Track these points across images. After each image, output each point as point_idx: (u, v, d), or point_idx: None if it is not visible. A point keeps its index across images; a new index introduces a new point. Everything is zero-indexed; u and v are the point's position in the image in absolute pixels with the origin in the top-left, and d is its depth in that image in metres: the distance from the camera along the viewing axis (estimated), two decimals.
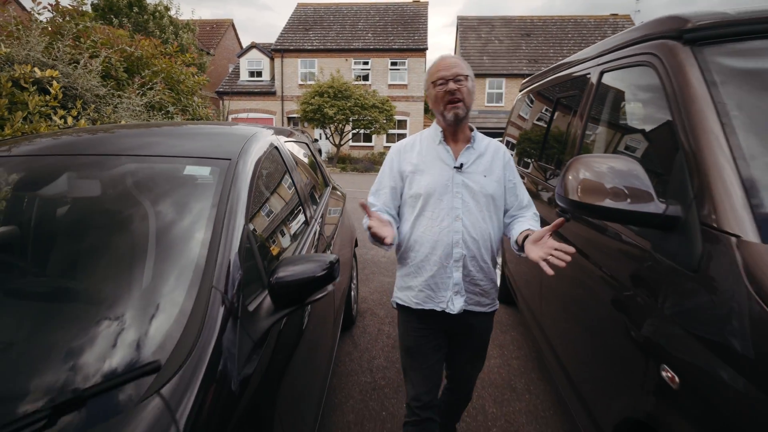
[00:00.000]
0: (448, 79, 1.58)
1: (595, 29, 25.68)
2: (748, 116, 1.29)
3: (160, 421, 0.91)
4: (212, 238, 1.34)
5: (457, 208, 1.62)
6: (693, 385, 1.11)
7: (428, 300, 1.69)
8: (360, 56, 23.04)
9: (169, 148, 1.73)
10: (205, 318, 1.12)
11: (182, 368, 1.01)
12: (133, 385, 0.96)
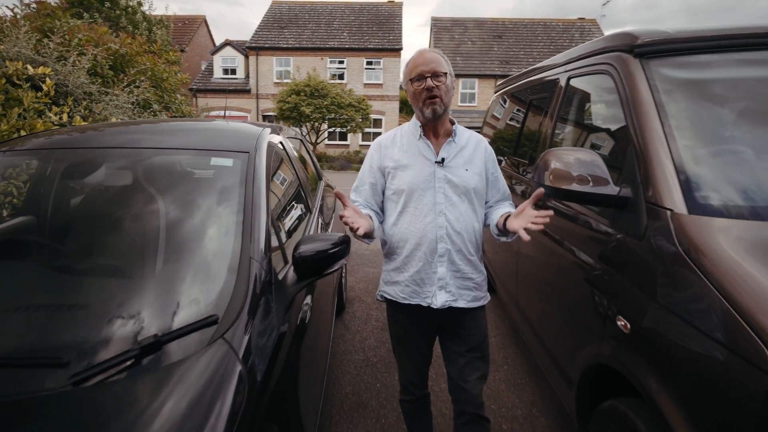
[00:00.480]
0: (426, 75, 1.57)
1: (563, 32, 26.57)
2: (682, 117, 1.61)
3: (226, 357, 1.14)
4: (244, 218, 1.57)
5: (440, 203, 1.62)
6: (640, 328, 1.42)
7: (414, 295, 1.69)
8: (335, 55, 23.17)
9: (193, 142, 1.94)
10: (248, 283, 1.36)
11: (237, 320, 1.24)
12: (199, 333, 1.18)
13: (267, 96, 23.03)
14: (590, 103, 2.26)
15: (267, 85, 23.23)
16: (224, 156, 1.85)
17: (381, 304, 4.08)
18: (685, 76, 1.75)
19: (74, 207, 1.59)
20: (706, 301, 1.18)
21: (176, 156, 1.81)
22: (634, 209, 1.56)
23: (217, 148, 1.89)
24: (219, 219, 1.57)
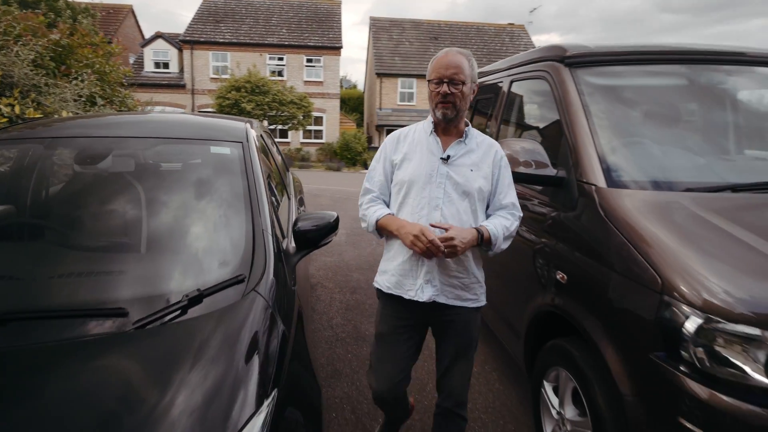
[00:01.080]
0: (444, 80, 1.58)
1: (495, 36, 28.05)
2: (602, 115, 2.06)
3: (260, 304, 1.40)
4: (250, 198, 1.81)
5: (438, 198, 1.62)
6: (574, 278, 1.83)
7: (398, 286, 1.69)
8: (275, 52, 22.91)
9: (191, 133, 2.13)
10: (265, 250, 1.61)
11: (263, 278, 1.49)
12: (232, 288, 1.42)
13: (203, 91, 22.30)
14: (530, 102, 2.70)
15: (203, 81, 22.49)
16: (222, 145, 2.07)
17: (342, 288, 4.37)
18: (603, 82, 2.22)
19: (99, 189, 1.74)
20: (619, 247, 1.60)
21: (179, 145, 2.00)
22: (568, 186, 1.98)
23: (215, 138, 2.10)
24: (229, 199, 1.79)
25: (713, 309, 1.29)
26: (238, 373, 1.17)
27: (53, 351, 1.14)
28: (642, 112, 2.24)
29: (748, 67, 2.42)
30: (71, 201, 1.72)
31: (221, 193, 1.82)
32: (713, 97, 2.35)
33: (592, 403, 1.67)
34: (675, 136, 2.18)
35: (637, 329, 1.48)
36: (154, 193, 1.75)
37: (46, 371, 1.10)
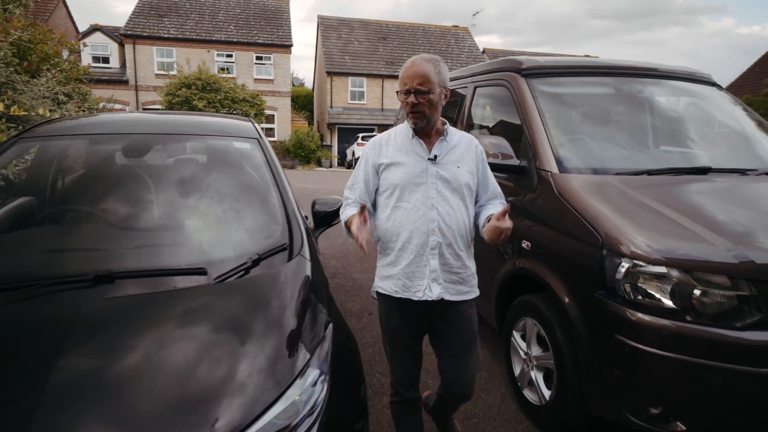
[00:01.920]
0: (411, 90, 1.61)
1: (440, 38, 29.04)
2: (552, 117, 2.59)
3: (305, 264, 1.77)
4: (276, 183, 2.16)
5: (432, 197, 1.66)
6: (536, 244, 2.34)
7: (405, 289, 1.70)
8: (223, 48, 22.51)
9: (215, 130, 2.44)
10: (299, 225, 1.98)
11: (303, 246, 1.87)
12: (280, 254, 1.78)
13: (148, 88, 21.51)
14: (492, 105, 3.22)
15: (147, 77, 21.69)
16: (242, 141, 2.40)
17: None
18: (552, 90, 2.76)
19: (150, 179, 2.03)
20: (570, 217, 2.12)
21: (208, 141, 2.32)
22: (529, 174, 2.49)
23: (235, 134, 2.43)
24: (261, 185, 2.14)
25: (637, 256, 1.82)
26: (304, 312, 1.55)
27: (155, 298, 1.46)
28: (582, 114, 2.81)
29: (661, 80, 3.06)
30: (137, 188, 2.00)
31: (253, 180, 2.16)
32: (635, 104, 2.97)
33: (553, 340, 2.18)
34: (607, 133, 2.76)
35: (585, 276, 2.00)
36: (198, 181, 2.07)
37: (153, 312, 1.41)
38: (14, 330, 1.29)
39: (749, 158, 2.68)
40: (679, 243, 1.84)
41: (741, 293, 1.71)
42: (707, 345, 1.68)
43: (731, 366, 1.65)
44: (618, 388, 1.85)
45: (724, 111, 3.05)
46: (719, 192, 2.25)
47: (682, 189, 2.24)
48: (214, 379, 1.23)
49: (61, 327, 1.29)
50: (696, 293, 1.73)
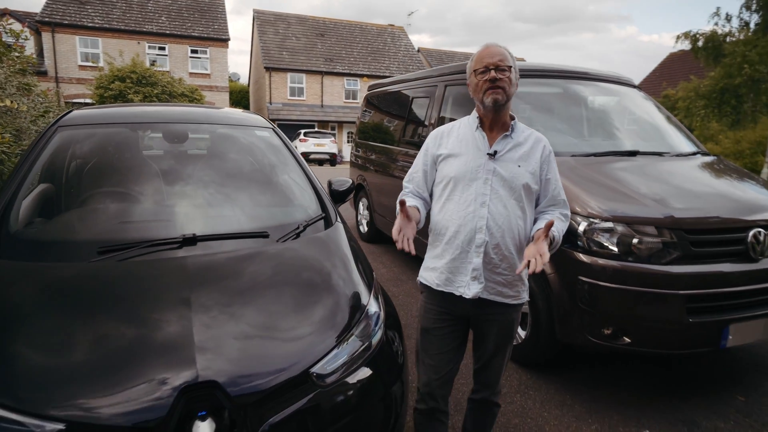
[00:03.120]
0: (491, 67, 1.56)
1: (377, 36, 29.64)
2: (517, 111, 3.15)
3: (342, 229, 2.16)
4: (299, 164, 2.52)
5: (485, 194, 1.61)
6: None
7: (448, 283, 1.67)
8: (155, 40, 21.48)
9: (237, 120, 2.73)
10: (328, 200, 2.35)
11: (336, 216, 2.25)
12: (321, 222, 2.15)
13: (71, 80, 20.05)
14: (463, 102, 3.74)
15: (70, 68, 20.19)
16: (261, 130, 2.72)
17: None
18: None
19: (194, 162, 2.29)
20: None
21: (235, 130, 2.61)
22: None
23: (254, 124, 2.74)
24: (290, 166, 2.49)
25: (592, 216, 2.41)
26: (356, 262, 1.95)
27: (232, 257, 1.79)
28: (537, 109, 3.40)
29: (593, 82, 3.75)
30: (192, 169, 2.28)
31: (282, 162, 2.50)
32: (576, 101, 3.62)
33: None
34: (556, 125, 3.37)
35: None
36: (240, 164, 2.38)
37: (231, 268, 1.74)
38: (141, 276, 1.58)
39: (663, 144, 3.41)
40: (621, 205, 2.45)
41: (665, 239, 2.35)
42: (643, 277, 2.30)
43: (660, 290, 2.29)
44: (581, 317, 2.43)
45: (642, 108, 3.80)
46: (645, 168, 2.91)
47: (619, 166, 2.89)
48: (312, 306, 1.61)
49: (177, 274, 1.60)
50: (634, 241, 2.35)
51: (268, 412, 1.29)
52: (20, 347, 1.28)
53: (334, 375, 1.46)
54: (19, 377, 1.20)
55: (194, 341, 1.33)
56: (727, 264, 2.40)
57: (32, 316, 1.39)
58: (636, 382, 2.81)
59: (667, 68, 26.62)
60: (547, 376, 2.81)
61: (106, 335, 1.34)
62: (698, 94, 13.80)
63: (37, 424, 1.11)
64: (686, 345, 2.38)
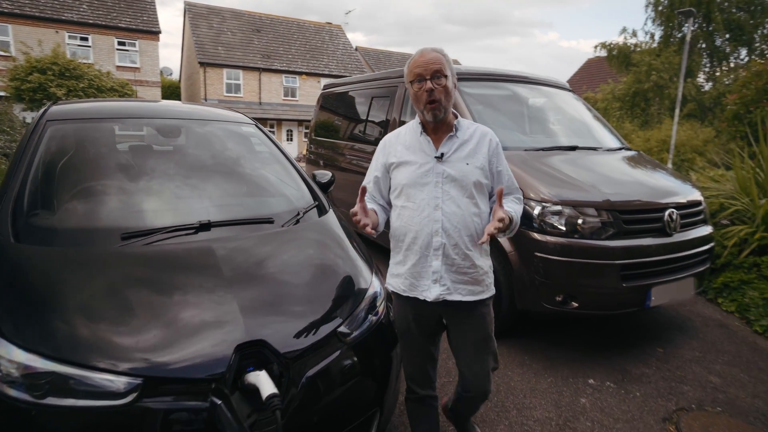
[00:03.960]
0: (426, 77, 1.55)
1: (315, 33, 29.50)
2: (476, 109, 3.53)
3: (335, 215, 2.40)
4: (287, 158, 2.72)
5: (437, 197, 1.62)
6: None
7: (412, 288, 1.70)
8: (75, 30, 19.94)
9: (225, 117, 2.86)
10: (319, 191, 2.57)
11: (330, 205, 2.48)
12: (316, 210, 2.38)
13: None
14: None
15: None
16: (246, 126, 2.87)
17: None
18: (471, 91, 3.71)
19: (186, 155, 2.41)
20: None
21: (222, 125, 2.76)
22: None
23: (239, 121, 2.89)
24: (279, 159, 2.68)
25: (544, 200, 2.83)
26: (354, 244, 2.20)
27: (248, 239, 1.97)
28: (491, 109, 3.81)
29: (534, 86, 4.24)
30: (192, 161, 2.40)
31: (272, 156, 2.68)
32: (519, 102, 4.08)
33: None
34: (508, 124, 3.80)
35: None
36: (235, 157, 2.53)
37: (249, 248, 1.93)
38: (171, 256, 1.73)
39: (595, 141, 3.96)
40: (567, 191, 2.90)
41: (603, 219, 2.82)
42: (587, 251, 2.76)
43: (600, 261, 2.75)
44: (537, 287, 2.85)
45: (577, 109, 4.35)
46: (583, 160, 3.41)
47: (563, 159, 3.35)
48: (327, 278, 1.85)
49: (203, 254, 1.76)
50: (579, 221, 2.80)
51: (306, 365, 1.52)
52: (89, 317, 1.41)
53: (353, 335, 1.71)
54: (99, 343, 1.35)
55: (238, 307, 1.53)
56: (649, 238, 2.92)
57: (85, 291, 1.51)
58: (580, 342, 3.30)
59: (586, 72, 28.96)
60: (507, 342, 3.22)
61: (161, 305, 1.50)
62: (614, 96, 15.28)
63: (121, 380, 1.27)
64: (621, 306, 2.88)
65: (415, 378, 1.85)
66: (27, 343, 1.31)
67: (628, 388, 2.76)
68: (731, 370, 3.00)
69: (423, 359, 1.83)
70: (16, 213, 1.80)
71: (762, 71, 6.28)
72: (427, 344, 1.81)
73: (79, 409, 1.25)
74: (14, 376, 1.26)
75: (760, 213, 4.16)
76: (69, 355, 1.30)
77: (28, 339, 1.32)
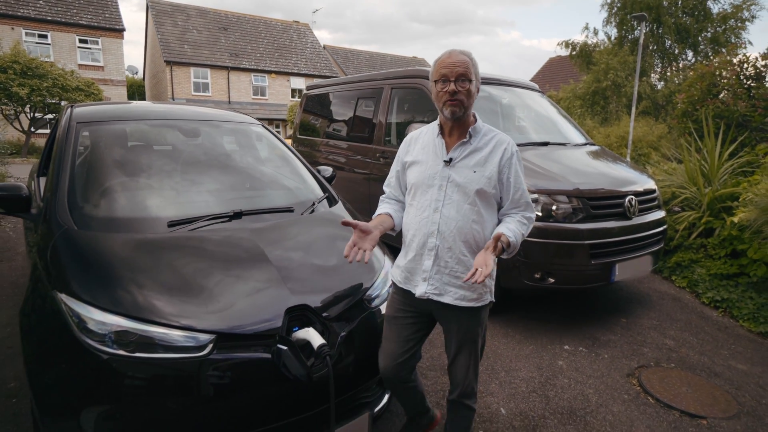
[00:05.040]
0: (450, 79, 1.58)
1: (283, 32, 29.39)
2: None
3: (344, 206, 2.69)
4: (294, 155, 3.00)
5: (438, 200, 1.66)
6: None
7: (407, 281, 1.78)
8: (33, 27, 19.23)
9: (236, 118, 3.10)
10: (327, 184, 2.86)
11: (338, 198, 2.77)
12: (326, 201, 2.67)
13: None
14: (409, 102, 4.41)
15: None
16: (255, 126, 3.13)
17: None
18: None
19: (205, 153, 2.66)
20: None
21: (234, 126, 3.00)
22: None
23: (247, 121, 3.14)
24: (288, 155, 2.95)
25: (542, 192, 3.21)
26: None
27: (278, 225, 2.24)
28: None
29: (507, 87, 4.64)
30: (217, 159, 2.65)
31: (282, 152, 2.95)
32: (494, 101, 4.46)
33: None
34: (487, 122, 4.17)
35: None
36: (254, 154, 2.79)
37: (280, 232, 2.20)
38: (217, 239, 1.99)
39: (563, 137, 4.39)
40: (542, 181, 3.30)
41: (573, 205, 3.23)
42: (561, 233, 3.17)
43: (572, 242, 3.16)
44: (519, 266, 3.23)
45: (546, 108, 4.79)
46: (554, 154, 3.83)
47: (538, 153, 3.76)
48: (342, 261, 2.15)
49: (245, 237, 2.03)
50: (553, 207, 3.20)
51: (341, 326, 1.82)
52: (162, 287, 1.67)
53: (375, 301, 2.02)
54: (175, 306, 1.60)
55: (281, 278, 1.81)
56: (612, 221, 3.36)
57: (151, 266, 1.76)
58: (555, 315, 3.72)
59: (548, 71, 30.09)
60: (492, 317, 3.57)
61: (218, 276, 1.76)
62: (575, 95, 16.12)
63: (200, 337, 1.54)
64: (590, 280, 3.30)
65: (386, 369, 1.83)
66: (117, 309, 1.55)
67: (597, 351, 3.19)
68: (683, 335, 3.49)
69: (399, 348, 1.81)
70: (71, 205, 2.01)
71: (705, 73, 6.93)
72: (408, 335, 1.81)
73: (166, 360, 1.51)
74: (109, 337, 1.51)
75: (706, 200, 4.71)
76: (153, 317, 1.55)
77: (117, 305, 1.57)
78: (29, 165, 12.58)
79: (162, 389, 1.52)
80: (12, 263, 4.51)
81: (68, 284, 1.65)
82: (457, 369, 1.82)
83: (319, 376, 1.62)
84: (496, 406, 2.55)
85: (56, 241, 1.84)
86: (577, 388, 2.75)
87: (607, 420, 2.47)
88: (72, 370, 1.53)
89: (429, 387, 2.66)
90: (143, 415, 1.49)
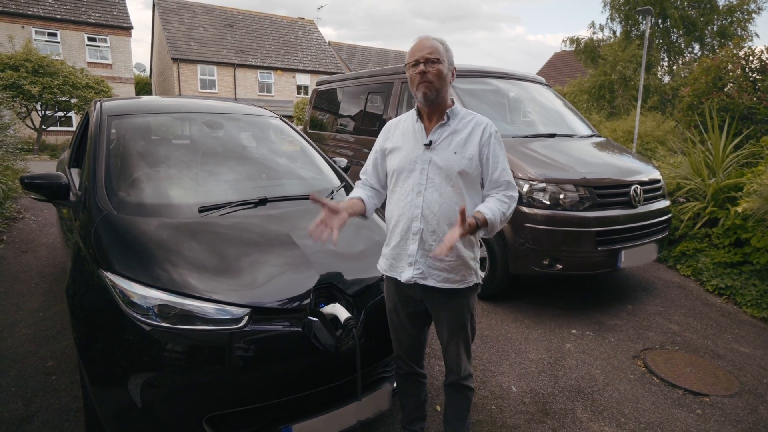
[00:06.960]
0: (421, 60, 1.61)
1: (288, 29, 29.49)
2: (466, 102, 4.00)
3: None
4: (311, 146, 3.12)
5: (421, 184, 1.67)
6: None
7: (392, 269, 1.79)
8: (43, 25, 19.44)
9: (257, 112, 3.22)
10: (344, 174, 2.99)
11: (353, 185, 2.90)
12: (344, 189, 2.80)
13: None
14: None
15: None
16: (273, 119, 3.25)
17: None
18: (465, 87, 4.17)
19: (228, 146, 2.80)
20: None
21: (255, 119, 3.13)
22: None
23: (266, 114, 3.26)
24: (307, 147, 3.08)
25: (531, 179, 3.32)
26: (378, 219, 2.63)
27: (301, 210, 2.37)
28: (483, 102, 4.28)
29: (515, 81, 4.74)
30: (242, 150, 2.78)
31: (300, 144, 3.08)
32: (505, 96, 4.57)
33: (485, 240, 3.59)
34: (497, 114, 4.28)
35: None
36: (276, 145, 2.92)
37: (303, 217, 2.32)
38: (247, 224, 2.12)
39: (570, 129, 4.49)
40: (550, 171, 3.41)
41: (580, 194, 3.34)
42: (568, 220, 3.28)
43: (579, 229, 3.27)
44: (528, 253, 3.35)
45: (553, 101, 4.89)
46: (561, 145, 3.94)
47: (545, 144, 3.87)
48: (366, 238, 2.27)
49: (272, 221, 2.16)
50: (561, 196, 3.31)
51: (363, 302, 1.94)
52: (200, 265, 1.80)
53: None
54: (212, 282, 1.73)
55: (307, 258, 1.94)
56: (618, 210, 3.47)
57: (187, 247, 1.88)
58: (562, 300, 3.84)
59: (553, 66, 30.03)
60: (501, 303, 3.72)
61: (249, 256, 1.89)
62: (581, 89, 16.13)
63: (236, 310, 1.67)
64: (597, 267, 3.42)
65: (401, 356, 1.94)
66: (159, 284, 1.69)
67: (604, 335, 3.30)
68: (687, 320, 3.60)
69: (406, 339, 1.89)
70: (109, 192, 2.15)
71: (710, 67, 6.98)
72: (409, 325, 1.87)
73: (205, 332, 1.64)
74: (152, 310, 1.64)
75: (710, 191, 4.80)
76: (192, 291, 1.68)
77: (159, 281, 1.70)
78: (42, 162, 12.79)
79: (200, 359, 1.64)
80: (37, 254, 4.67)
81: (112, 263, 1.78)
82: (450, 355, 1.87)
83: (345, 348, 1.75)
84: (507, 385, 2.67)
85: (98, 225, 1.98)
86: (584, 368, 2.87)
87: (613, 397, 2.59)
88: (118, 341, 1.66)
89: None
90: (183, 382, 1.62)
